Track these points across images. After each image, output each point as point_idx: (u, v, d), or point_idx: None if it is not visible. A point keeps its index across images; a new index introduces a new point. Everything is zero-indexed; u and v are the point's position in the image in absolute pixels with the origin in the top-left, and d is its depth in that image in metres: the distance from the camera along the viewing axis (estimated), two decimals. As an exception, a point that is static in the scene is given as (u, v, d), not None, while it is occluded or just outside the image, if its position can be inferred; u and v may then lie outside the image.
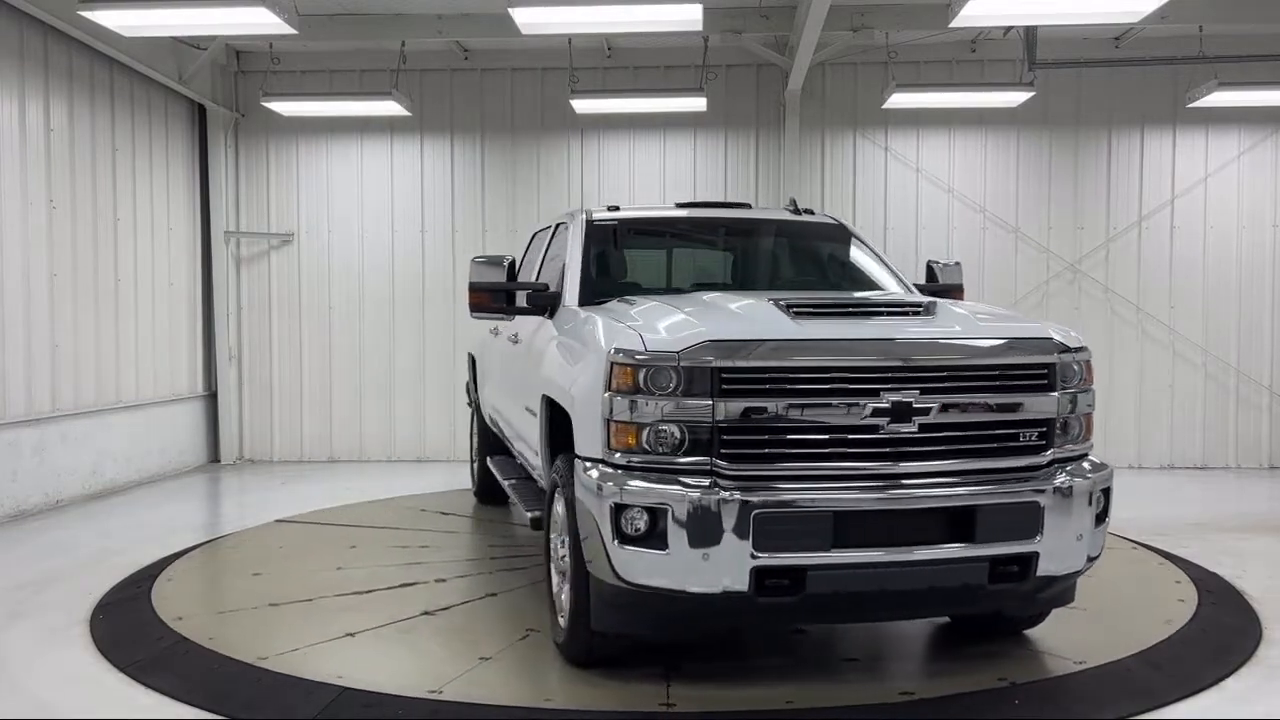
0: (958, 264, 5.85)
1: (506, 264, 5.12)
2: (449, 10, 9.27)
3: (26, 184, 7.86)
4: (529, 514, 5.22)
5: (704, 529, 3.61)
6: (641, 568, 3.71)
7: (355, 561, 6.15)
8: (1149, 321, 10.07)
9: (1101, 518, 4.06)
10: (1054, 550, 3.85)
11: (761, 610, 3.77)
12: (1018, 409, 3.90)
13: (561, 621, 4.37)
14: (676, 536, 3.63)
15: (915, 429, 3.76)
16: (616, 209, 5.76)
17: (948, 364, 3.83)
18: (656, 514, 3.67)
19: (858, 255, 5.79)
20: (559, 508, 4.40)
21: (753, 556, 3.61)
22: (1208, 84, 9.06)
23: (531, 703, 4.01)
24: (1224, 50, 9.19)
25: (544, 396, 4.70)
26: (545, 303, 5.13)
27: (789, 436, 3.73)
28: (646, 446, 3.73)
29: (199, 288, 10.45)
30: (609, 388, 3.80)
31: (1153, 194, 10.11)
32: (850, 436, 3.75)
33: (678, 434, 3.71)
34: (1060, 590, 4.19)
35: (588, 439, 3.96)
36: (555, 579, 4.53)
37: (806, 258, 5.96)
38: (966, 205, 10.19)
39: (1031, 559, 3.82)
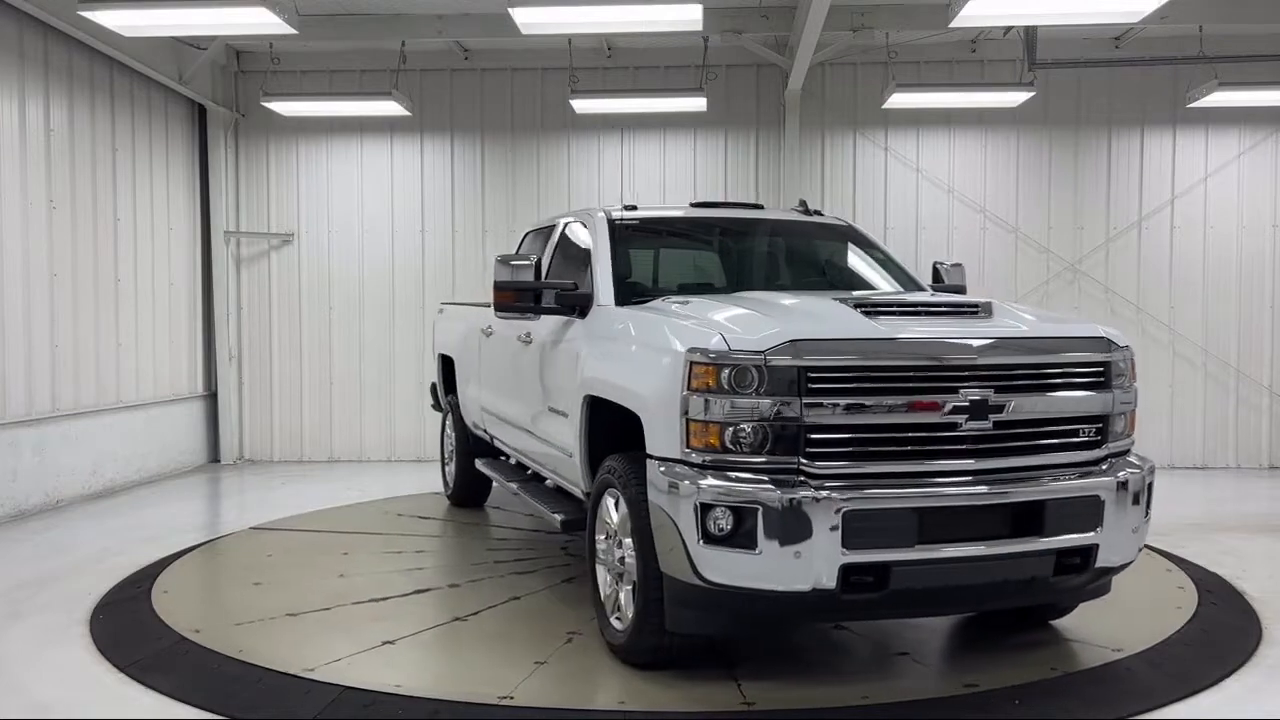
0: (959, 265, 6.00)
1: (534, 263, 5.08)
2: (449, 10, 9.27)
3: (26, 184, 7.86)
4: (556, 516, 5.18)
5: (797, 527, 3.62)
6: (728, 567, 3.71)
7: (355, 569, 6.04)
8: (1149, 321, 10.07)
9: (1147, 510, 4.19)
10: (1112, 542, 4.00)
11: (844, 606, 3.83)
12: (1078, 405, 4.04)
13: (618, 624, 4.36)
14: (768, 535, 3.63)
15: (990, 426, 3.85)
16: (634, 208, 5.74)
17: (1019, 362, 3.96)
18: (745, 513, 3.66)
19: (875, 256, 5.92)
20: (610, 508, 4.42)
21: (842, 554, 3.65)
22: (1208, 84, 9.06)
23: (607, 706, 3.98)
24: (1224, 50, 9.19)
25: (586, 397, 4.65)
26: (575, 302, 5.08)
27: (872, 434, 3.78)
28: (729, 446, 3.72)
29: (199, 288, 10.45)
30: (688, 387, 3.78)
31: (1153, 194, 10.11)
32: (930, 434, 3.82)
33: (761, 433, 3.71)
34: (1106, 581, 4.31)
35: (661, 439, 3.93)
36: (605, 580, 4.52)
37: (825, 258, 6.00)
38: (966, 205, 10.19)
39: (1092, 551, 3.96)
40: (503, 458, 7.07)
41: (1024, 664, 4.38)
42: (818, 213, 6.30)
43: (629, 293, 5.02)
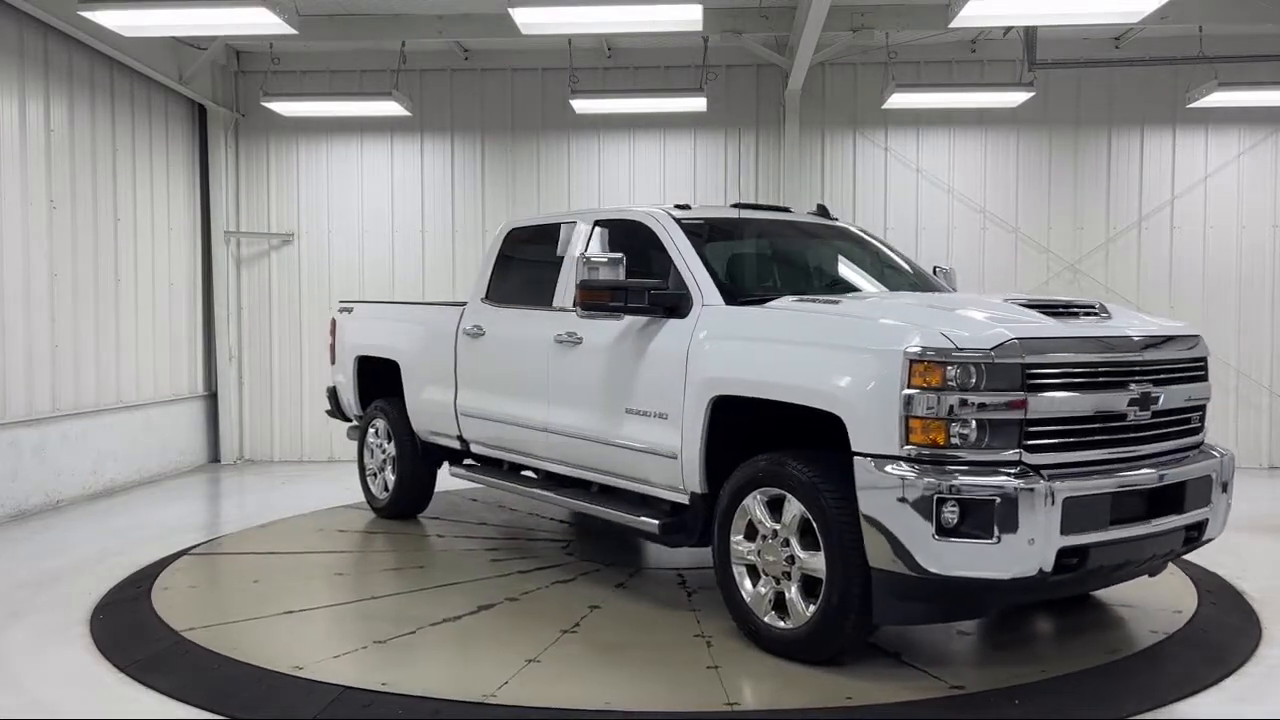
0: (953, 269, 6.39)
1: (622, 262, 5.03)
2: (449, 10, 9.27)
3: (26, 184, 7.86)
4: (651, 521, 5.08)
5: (1032, 516, 3.81)
6: (962, 558, 3.85)
7: (376, 589, 5.62)
8: (1149, 321, 10.06)
9: None
10: (1216, 516, 4.53)
11: (1049, 586, 4.08)
12: (1195, 395, 4.54)
13: (782, 623, 4.41)
14: (1007, 524, 3.80)
15: (1149, 416, 4.26)
16: (687, 207, 5.71)
17: (1165, 358, 4.40)
18: (985, 505, 3.81)
19: (903, 261, 6.14)
20: (759, 507, 4.47)
21: (1060, 538, 3.88)
22: (1208, 84, 9.06)
23: (831, 702, 3.99)
24: (1224, 50, 9.19)
25: (714, 398, 4.67)
26: (669, 302, 5.05)
27: (1072, 425, 4.06)
28: (955, 441, 3.88)
29: (199, 288, 10.45)
30: (908, 385, 3.90)
31: (1153, 194, 10.11)
32: (1109, 424, 4.16)
33: (985, 428, 3.89)
34: None
35: (872, 437, 4.01)
36: (754, 581, 4.55)
37: (864, 262, 6.08)
38: (966, 205, 10.19)
39: (1204, 524, 4.45)
40: (467, 462, 6.85)
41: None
42: (834, 218, 6.43)
43: (725, 293, 5.02)
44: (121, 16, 7.16)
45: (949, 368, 3.85)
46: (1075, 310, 4.46)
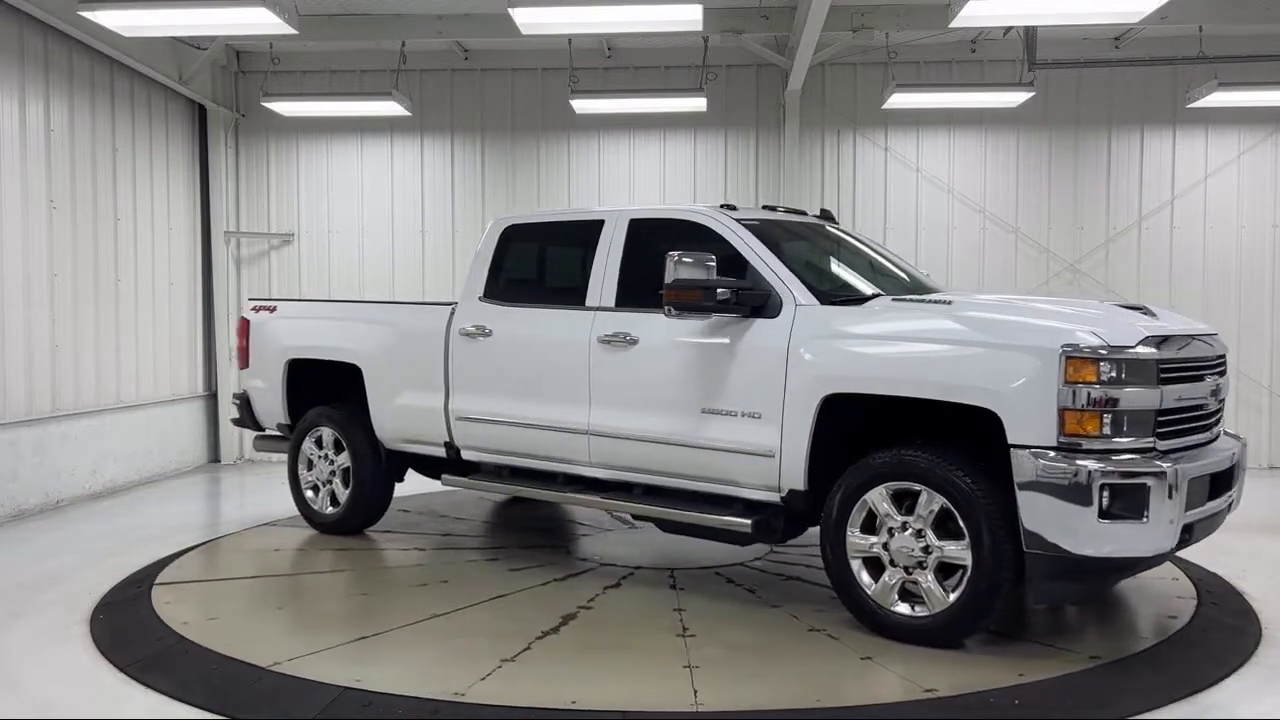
0: (930, 273, 6.81)
1: (713, 262, 5.03)
2: (449, 10, 9.28)
3: (26, 184, 7.86)
4: (745, 521, 5.06)
5: (1174, 497, 4.21)
6: (1118, 539, 4.19)
7: (431, 608, 5.20)
8: (1149, 321, 10.06)
9: None
10: (1241, 492, 5.04)
11: (1166, 559, 4.67)
12: (1223, 388, 4.97)
13: (913, 610, 4.58)
14: (1156, 506, 4.17)
15: (1216, 404, 4.80)
16: (733, 208, 5.73)
17: (1219, 353, 4.91)
18: (1139, 489, 4.17)
19: (900, 264, 6.39)
20: (882, 501, 4.61)
21: (1185, 515, 4.31)
22: (1208, 84, 9.06)
23: (1008, 681, 4.16)
24: (1224, 50, 9.20)
25: (826, 397, 4.75)
26: (759, 302, 5.09)
27: (1183, 414, 4.50)
28: (1106, 431, 4.22)
29: (199, 288, 10.46)
30: (1064, 380, 4.21)
31: (1152, 194, 10.11)
32: (1197, 412, 4.62)
33: (1126, 418, 4.25)
34: None
35: (1029, 429, 4.28)
36: (874, 573, 4.68)
37: (869, 263, 6.17)
38: (966, 205, 10.20)
39: (1235, 499, 4.94)
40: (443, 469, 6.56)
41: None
42: (836, 221, 6.54)
43: (816, 293, 5.11)
44: (121, 16, 7.16)
45: (1101, 363, 4.20)
46: (1140, 311, 4.81)
